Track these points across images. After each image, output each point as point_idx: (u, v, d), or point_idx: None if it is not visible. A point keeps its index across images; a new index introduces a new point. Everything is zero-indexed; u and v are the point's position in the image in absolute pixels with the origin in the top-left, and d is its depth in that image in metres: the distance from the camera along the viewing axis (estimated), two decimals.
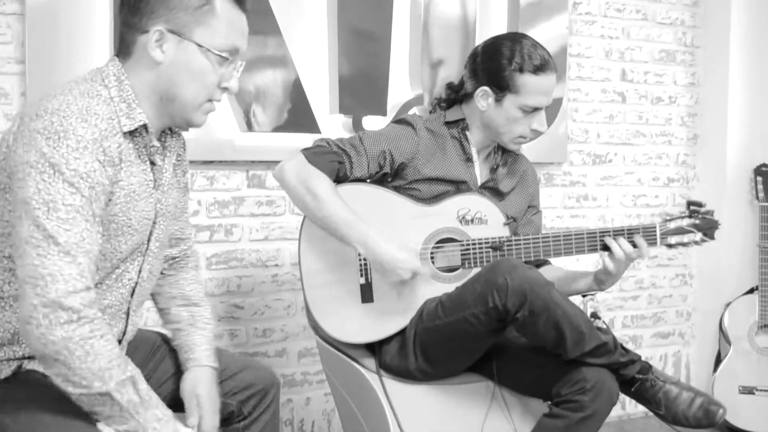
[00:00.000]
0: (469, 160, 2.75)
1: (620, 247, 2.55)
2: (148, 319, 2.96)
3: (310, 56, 3.37)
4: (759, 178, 3.97)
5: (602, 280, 2.64)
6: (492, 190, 2.77)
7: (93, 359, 1.64)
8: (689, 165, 4.33)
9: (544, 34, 3.82)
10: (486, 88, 2.65)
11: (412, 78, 3.55)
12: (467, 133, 2.75)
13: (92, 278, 1.69)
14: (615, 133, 4.14)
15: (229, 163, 3.30)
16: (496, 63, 2.63)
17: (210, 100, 1.90)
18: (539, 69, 2.60)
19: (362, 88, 3.46)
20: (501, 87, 2.63)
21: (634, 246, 2.58)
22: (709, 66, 4.27)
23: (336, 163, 2.56)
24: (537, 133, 2.71)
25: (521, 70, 2.60)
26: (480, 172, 2.78)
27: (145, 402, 1.71)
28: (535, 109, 2.64)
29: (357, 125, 3.42)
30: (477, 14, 3.66)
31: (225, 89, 1.91)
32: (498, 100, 2.64)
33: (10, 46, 2.92)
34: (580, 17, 4.01)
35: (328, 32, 3.39)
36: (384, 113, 3.46)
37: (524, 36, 2.71)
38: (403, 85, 3.54)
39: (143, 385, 1.73)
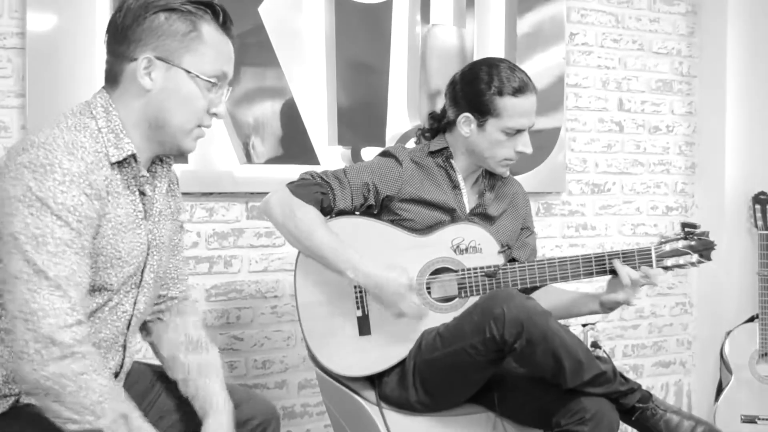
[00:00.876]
0: (456, 187, 2.74)
1: (627, 273, 2.54)
2: (147, 351, 2.95)
3: (309, 88, 3.38)
4: (757, 206, 3.97)
5: (607, 304, 2.62)
6: (481, 216, 2.77)
7: (85, 394, 1.63)
8: (688, 194, 4.34)
9: (541, 64, 3.84)
10: (468, 114, 2.65)
11: (411, 109, 3.55)
12: (452, 161, 2.75)
13: (84, 311, 1.69)
14: (613, 163, 4.14)
15: (228, 195, 3.30)
16: (476, 88, 2.63)
17: (199, 126, 1.90)
18: (518, 91, 2.61)
19: (361, 119, 3.47)
20: (482, 112, 2.63)
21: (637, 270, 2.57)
22: (705, 95, 4.28)
23: (320, 194, 2.57)
24: (521, 156, 2.69)
25: (501, 93, 2.60)
26: (468, 199, 2.77)
27: None
28: (518, 131, 2.63)
29: (356, 157, 3.42)
30: (474, 45, 3.68)
31: (214, 114, 1.91)
32: (480, 125, 2.64)
33: (10, 79, 2.93)
34: (577, 48, 4.03)
35: (327, 64, 3.40)
36: (383, 144, 3.46)
37: (501, 60, 2.72)
38: (401, 116, 3.55)
39: (137, 421, 1.72)
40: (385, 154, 2.77)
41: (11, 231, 1.63)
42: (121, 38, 1.83)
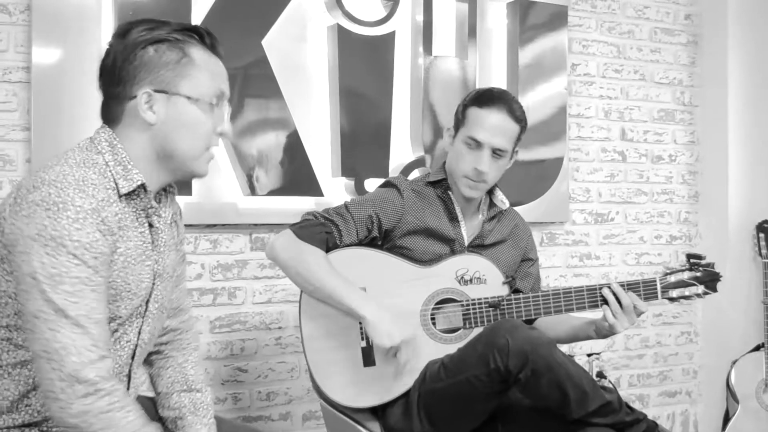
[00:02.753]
0: (454, 219, 2.75)
1: (618, 301, 2.54)
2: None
3: (312, 119, 3.39)
4: (761, 235, 3.97)
5: (601, 332, 2.60)
6: (480, 247, 2.77)
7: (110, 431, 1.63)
8: (691, 222, 4.33)
9: (544, 94, 3.86)
10: (450, 128, 2.74)
11: (414, 140, 3.56)
12: (450, 192, 2.75)
13: (106, 347, 1.68)
14: (616, 192, 4.15)
15: (232, 227, 3.30)
16: (458, 106, 2.72)
17: (208, 148, 1.91)
18: (484, 103, 2.64)
19: (364, 150, 3.47)
20: (456, 124, 2.71)
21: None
22: (708, 124, 4.29)
23: (324, 234, 2.57)
24: (479, 175, 2.64)
25: (468, 103, 2.68)
26: (466, 231, 2.77)
27: None
28: (478, 144, 2.63)
29: (359, 187, 3.42)
30: (477, 76, 3.69)
31: (220, 134, 1.91)
32: (454, 137, 2.71)
33: (15, 113, 2.94)
34: (579, 78, 4.04)
35: (330, 95, 3.41)
36: (386, 175, 3.44)
37: (496, 88, 2.77)
38: (404, 148, 3.56)
39: None
40: (386, 184, 2.78)
41: (28, 271, 1.63)
42: (116, 80, 1.83)
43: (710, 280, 2.62)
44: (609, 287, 2.56)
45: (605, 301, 2.56)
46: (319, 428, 3.44)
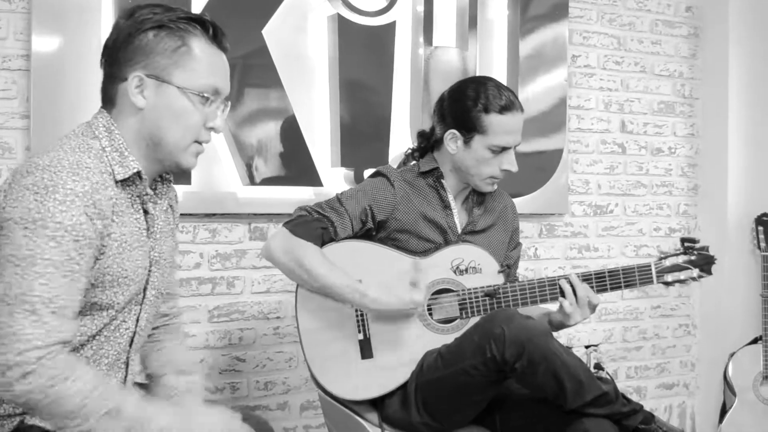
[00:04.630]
0: (447, 207, 2.76)
1: (574, 292, 2.57)
2: None
3: (312, 109, 3.39)
4: (760, 228, 3.97)
5: (555, 323, 2.65)
6: (472, 234, 2.79)
7: (63, 403, 1.63)
8: (690, 215, 4.34)
9: (544, 85, 3.86)
10: (454, 131, 2.67)
11: (413, 130, 3.55)
12: (442, 181, 2.76)
13: (60, 337, 1.67)
14: (616, 184, 4.15)
15: (231, 216, 3.31)
16: (463, 105, 2.66)
17: (198, 141, 1.90)
18: (505, 108, 2.63)
19: (363, 141, 3.48)
20: (468, 128, 2.65)
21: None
22: (708, 117, 4.29)
23: (320, 230, 2.58)
24: (507, 173, 2.70)
25: (487, 110, 2.63)
26: (459, 219, 2.78)
27: (144, 418, 1.72)
28: (504, 149, 2.65)
29: (359, 178, 3.42)
30: (477, 67, 3.70)
31: (211, 129, 1.91)
32: (467, 141, 2.67)
33: (15, 101, 2.95)
34: (579, 69, 4.04)
35: (330, 85, 3.42)
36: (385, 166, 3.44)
37: (488, 78, 2.74)
38: (404, 138, 3.56)
39: (131, 408, 1.71)
40: (376, 174, 2.79)
41: (5, 253, 1.64)
42: (113, 60, 1.85)
43: (705, 263, 2.64)
44: (568, 278, 2.58)
45: (563, 293, 2.57)
46: (317, 418, 3.45)
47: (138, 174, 1.86)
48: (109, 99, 1.88)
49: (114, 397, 1.70)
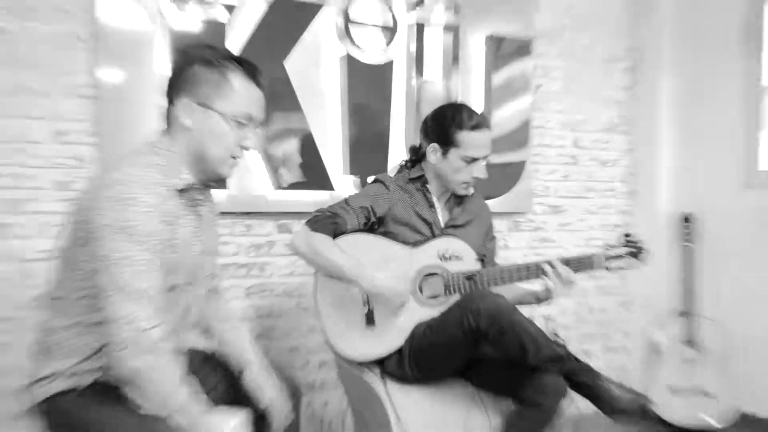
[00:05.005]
0: (431, 206, 2.78)
1: (554, 273, 2.59)
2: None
3: (326, 129, 3.41)
4: (683, 225, 3.99)
5: (541, 298, 2.66)
6: (453, 228, 2.80)
7: (159, 385, 1.68)
8: (629, 214, 4.35)
9: (512, 109, 3.88)
10: (435, 144, 2.71)
11: (407, 145, 3.56)
12: (427, 185, 2.79)
13: (157, 318, 1.72)
14: (569, 189, 4.17)
15: (262, 214, 3.32)
16: (442, 124, 2.70)
17: (233, 157, 1.93)
18: (476, 127, 2.66)
19: (367, 154, 3.49)
20: (446, 143, 2.69)
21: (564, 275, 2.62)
22: (643, 135, 4.30)
23: (332, 225, 2.60)
24: (478, 180, 2.74)
25: (461, 128, 2.66)
26: (442, 215, 2.81)
27: (199, 416, 1.75)
28: (475, 159, 2.68)
29: (363, 184, 3.44)
30: (459, 95, 3.71)
31: (245, 148, 1.94)
32: (444, 154, 2.70)
33: (86, 122, 2.96)
34: (541, 96, 4.06)
35: (341, 110, 3.43)
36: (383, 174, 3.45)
37: (463, 104, 2.76)
38: (400, 151, 3.57)
39: (196, 408, 1.75)
40: (375, 181, 2.81)
41: (101, 254, 1.68)
42: (170, 89, 1.89)
43: (641, 253, 2.66)
44: (549, 262, 2.60)
45: (545, 273, 2.60)
46: (332, 372, 3.47)
47: (191, 184, 1.89)
48: (167, 119, 1.91)
49: (193, 392, 1.75)
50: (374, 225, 2.72)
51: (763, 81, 3.85)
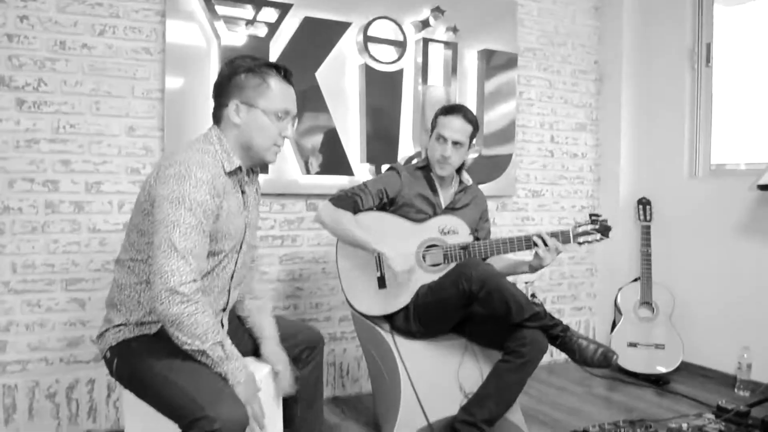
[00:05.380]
0: (434, 190, 2.76)
1: (545, 243, 2.55)
2: None
3: (347, 125, 3.38)
4: (640, 207, 3.96)
5: (534, 266, 2.62)
6: (453, 209, 2.79)
7: (195, 327, 1.67)
8: (595, 197, 4.32)
9: (501, 111, 3.83)
10: (429, 130, 2.80)
11: (414, 140, 3.55)
12: (431, 173, 2.77)
13: (199, 274, 1.72)
14: (547, 177, 4.13)
15: (294, 195, 3.31)
16: (434, 115, 2.77)
17: (276, 145, 1.93)
18: (448, 111, 2.70)
19: (381, 145, 3.45)
20: (432, 127, 2.76)
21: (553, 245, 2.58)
22: (607, 133, 4.26)
23: (352, 203, 2.61)
24: (445, 159, 2.68)
25: (438, 113, 2.73)
26: (443, 198, 2.79)
27: (230, 357, 1.74)
28: (444, 140, 2.67)
29: (377, 170, 3.41)
30: (456, 99, 3.67)
31: (284, 137, 1.94)
32: (430, 135, 2.74)
33: (154, 119, 2.96)
34: (524, 101, 4.01)
35: (359, 109, 3.40)
36: (395, 162, 3.42)
37: (457, 103, 2.81)
38: (408, 145, 3.54)
39: (228, 345, 1.75)
40: (390, 169, 2.81)
41: (159, 218, 1.69)
42: (219, 93, 1.91)
43: (605, 230, 2.64)
44: (539, 235, 2.58)
45: (536, 244, 2.57)
46: (350, 326, 3.46)
47: (239, 167, 1.89)
48: (217, 119, 1.92)
49: (223, 335, 1.75)
50: (387, 205, 2.70)
51: (711, 89, 3.84)
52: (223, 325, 1.99)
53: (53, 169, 2.79)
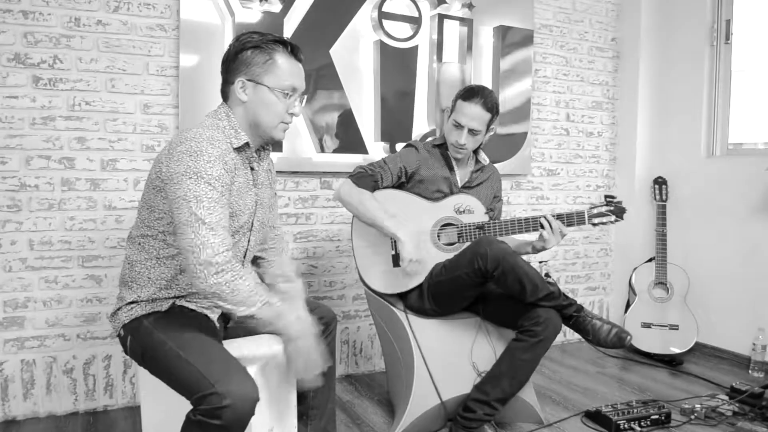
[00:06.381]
0: (451, 168, 2.74)
1: (550, 226, 2.54)
2: None
3: (361, 103, 3.36)
4: (656, 186, 3.93)
5: (537, 248, 2.61)
6: (468, 188, 2.77)
7: (237, 294, 1.68)
8: (611, 177, 4.28)
9: (516, 89, 3.80)
10: (447, 109, 2.75)
11: (429, 118, 3.53)
12: (448, 151, 2.74)
13: (229, 243, 1.72)
14: (562, 156, 4.10)
15: (308, 173, 3.30)
16: (454, 95, 2.70)
17: (283, 122, 1.91)
18: (466, 97, 2.63)
19: (395, 124, 3.44)
20: (451, 109, 2.70)
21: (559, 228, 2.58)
22: (624, 112, 4.22)
23: (372, 181, 2.59)
24: (461, 146, 2.65)
25: (458, 96, 2.66)
26: (459, 177, 2.77)
27: (281, 315, 1.75)
28: (461, 126, 2.63)
29: (392, 149, 3.40)
30: (471, 77, 3.64)
31: (292, 114, 1.92)
32: (449, 117, 2.70)
33: (169, 96, 2.95)
34: (540, 79, 3.97)
35: (374, 87, 3.38)
36: (410, 140, 3.41)
37: (478, 84, 2.71)
38: (422, 123, 3.52)
39: (276, 303, 1.76)
40: (408, 146, 2.78)
41: (180, 194, 1.69)
42: (227, 68, 1.90)
43: (620, 212, 2.63)
44: (545, 217, 2.56)
45: (542, 226, 2.55)
46: (363, 305, 3.47)
47: (247, 144, 1.88)
48: (225, 96, 1.92)
49: (268, 294, 1.76)
50: (404, 183, 2.68)
51: (730, 67, 3.78)
52: None
53: (69, 146, 2.80)
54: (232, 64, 1.87)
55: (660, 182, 3.92)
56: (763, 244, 3.53)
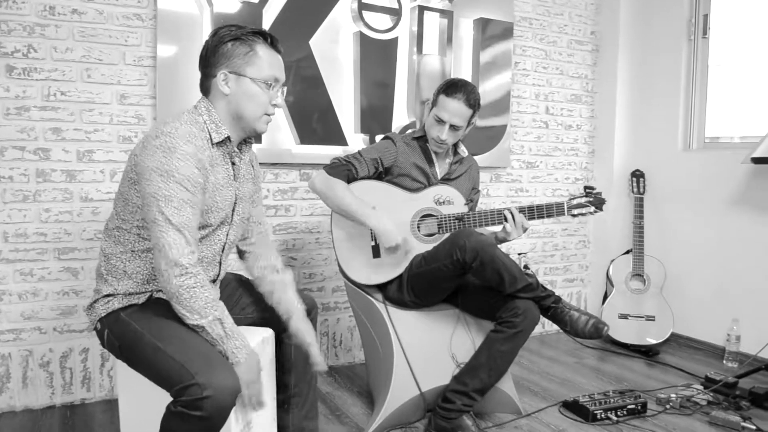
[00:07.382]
0: (430, 161, 2.74)
1: (513, 219, 2.56)
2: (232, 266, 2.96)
3: (341, 95, 3.35)
4: (633, 179, 3.97)
5: (500, 239, 2.62)
6: (448, 180, 2.77)
7: (195, 301, 1.67)
8: (589, 170, 4.31)
9: (496, 82, 3.81)
10: (428, 102, 2.72)
11: (408, 110, 3.53)
12: (427, 144, 2.74)
13: (195, 245, 1.71)
14: (541, 148, 4.12)
15: (288, 165, 3.29)
16: (436, 89, 2.68)
17: (266, 114, 1.90)
18: (450, 92, 2.61)
19: (375, 116, 3.43)
20: (432, 103, 2.68)
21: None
22: (602, 105, 4.24)
23: (346, 171, 2.58)
24: (442, 141, 2.65)
25: (440, 90, 2.65)
26: (439, 169, 2.77)
27: (229, 335, 1.72)
28: (442, 122, 2.63)
29: (372, 140, 3.39)
30: (452, 69, 3.64)
31: (275, 105, 1.91)
32: (430, 111, 2.69)
33: (146, 87, 2.92)
34: (519, 72, 3.98)
35: (354, 80, 3.37)
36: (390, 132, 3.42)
37: (461, 79, 2.70)
38: (402, 115, 3.52)
39: (229, 322, 1.73)
40: (385, 138, 2.77)
41: (150, 192, 1.67)
42: (207, 63, 1.88)
43: (599, 203, 2.64)
44: (509, 209, 2.57)
45: (506, 219, 2.56)
46: (343, 296, 3.47)
47: (228, 138, 1.86)
48: (205, 90, 1.90)
49: (223, 312, 1.73)
50: (382, 174, 2.68)
51: (708, 61, 3.82)
52: None
53: (44, 137, 2.76)
54: (212, 58, 1.85)
55: (638, 175, 3.96)
56: (738, 236, 3.57)
